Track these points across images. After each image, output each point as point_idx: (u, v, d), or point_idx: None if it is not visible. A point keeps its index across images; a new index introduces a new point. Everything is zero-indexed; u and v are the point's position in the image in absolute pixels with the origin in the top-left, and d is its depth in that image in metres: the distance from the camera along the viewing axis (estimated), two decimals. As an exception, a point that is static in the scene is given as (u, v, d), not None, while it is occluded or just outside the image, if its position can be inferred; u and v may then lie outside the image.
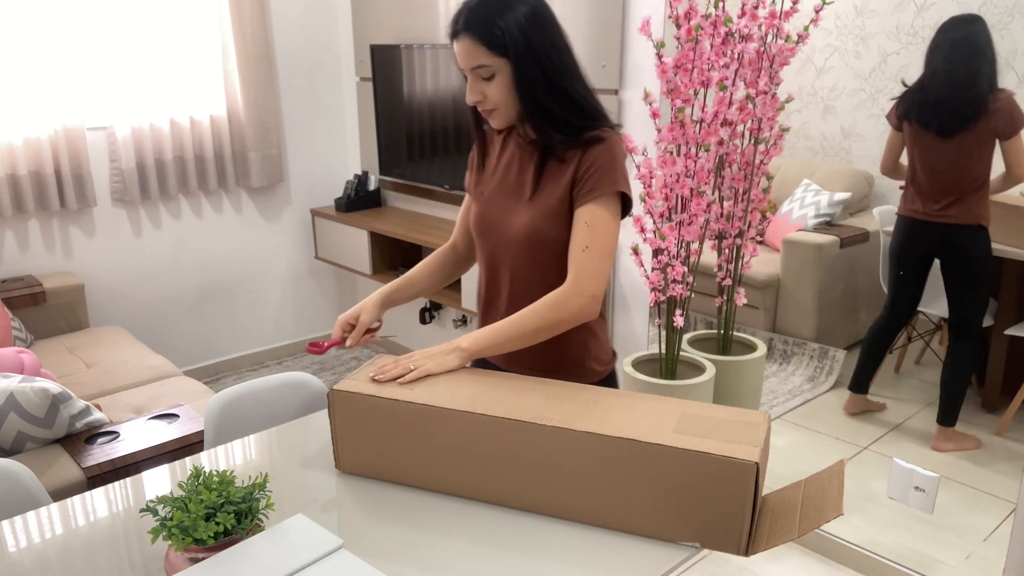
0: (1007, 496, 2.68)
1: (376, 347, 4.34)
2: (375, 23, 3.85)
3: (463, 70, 1.45)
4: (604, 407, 1.26)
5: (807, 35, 2.41)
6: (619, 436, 1.17)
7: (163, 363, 2.96)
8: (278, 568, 1.07)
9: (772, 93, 2.43)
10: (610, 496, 1.20)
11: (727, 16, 2.36)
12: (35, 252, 3.37)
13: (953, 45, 2.60)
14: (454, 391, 1.32)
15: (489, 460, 1.26)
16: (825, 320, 3.55)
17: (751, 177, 2.55)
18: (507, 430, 1.23)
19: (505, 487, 1.26)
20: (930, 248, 2.80)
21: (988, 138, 2.57)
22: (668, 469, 1.15)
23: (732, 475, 1.11)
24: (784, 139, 2.54)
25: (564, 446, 1.20)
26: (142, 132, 3.47)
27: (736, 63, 2.40)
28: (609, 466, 1.18)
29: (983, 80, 2.54)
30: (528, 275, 1.54)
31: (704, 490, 1.14)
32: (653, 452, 1.15)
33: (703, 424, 1.21)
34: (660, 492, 1.16)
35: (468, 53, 1.41)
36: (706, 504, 1.14)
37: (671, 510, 1.17)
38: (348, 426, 1.35)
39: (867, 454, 2.98)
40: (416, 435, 1.30)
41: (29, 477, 1.44)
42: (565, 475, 1.21)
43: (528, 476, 1.24)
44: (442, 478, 1.31)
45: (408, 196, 3.98)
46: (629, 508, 1.19)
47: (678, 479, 1.15)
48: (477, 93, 1.45)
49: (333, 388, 1.34)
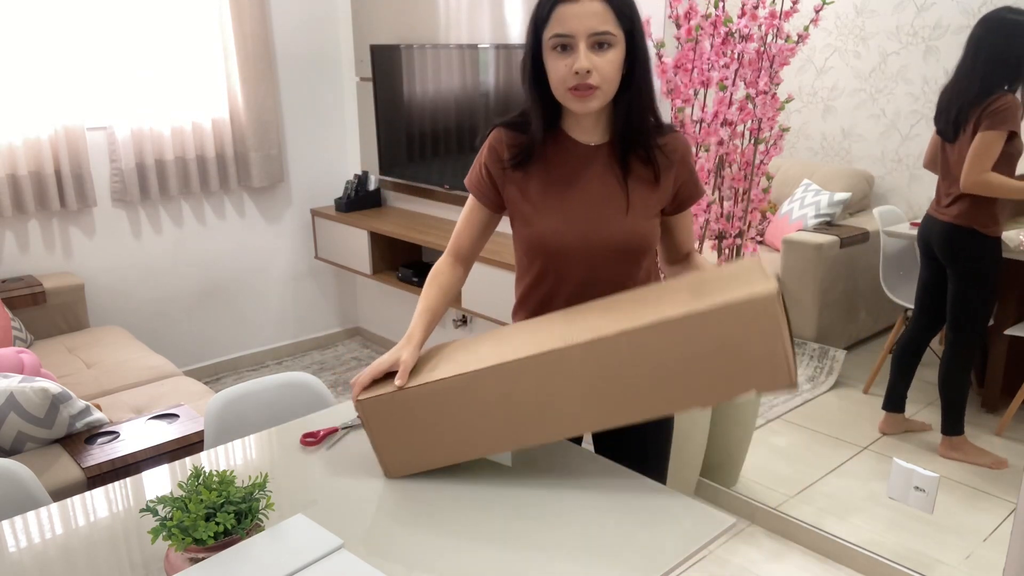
0: (1007, 496, 2.68)
1: (376, 347, 4.34)
2: (375, 23, 3.85)
3: (573, 35, 1.31)
4: (618, 308, 1.28)
5: (807, 35, 2.41)
6: (649, 323, 1.18)
7: (163, 363, 2.96)
8: (278, 568, 1.07)
9: (772, 93, 2.43)
10: (659, 383, 1.21)
11: (727, 16, 2.36)
12: (35, 252, 3.37)
13: (976, 45, 2.54)
14: (474, 354, 1.32)
15: (536, 401, 1.25)
16: (825, 320, 3.55)
17: (751, 177, 2.55)
18: (544, 365, 1.23)
19: (562, 420, 1.26)
20: (935, 246, 2.77)
21: None
22: (703, 335, 1.17)
23: (761, 311, 1.14)
24: (784, 139, 2.54)
25: (602, 356, 1.20)
26: (142, 132, 3.46)
27: (736, 63, 2.40)
28: (648, 355, 1.19)
29: (987, 81, 2.49)
30: (599, 283, 1.47)
31: (741, 340, 1.16)
32: (684, 324, 1.17)
33: (712, 285, 1.24)
34: (703, 359, 1.18)
35: (597, 15, 1.29)
36: (748, 352, 1.17)
37: (719, 372, 1.18)
38: (385, 430, 1.34)
39: (867, 454, 2.98)
40: (456, 410, 1.29)
41: (29, 477, 1.44)
42: (613, 383, 1.22)
43: (579, 400, 1.24)
44: (496, 438, 1.30)
45: (408, 196, 3.98)
46: (680, 387, 1.20)
47: (716, 340, 1.17)
48: (588, 63, 1.31)
49: (358, 400, 1.32)
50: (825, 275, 3.50)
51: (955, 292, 2.75)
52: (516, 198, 1.48)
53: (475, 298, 3.21)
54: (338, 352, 4.29)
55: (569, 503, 1.29)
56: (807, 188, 3.69)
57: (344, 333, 4.46)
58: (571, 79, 1.32)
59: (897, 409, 3.06)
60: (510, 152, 1.46)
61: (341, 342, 4.43)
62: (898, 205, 3.45)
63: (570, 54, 1.32)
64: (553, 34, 1.32)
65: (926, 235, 2.80)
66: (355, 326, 4.51)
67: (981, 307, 2.73)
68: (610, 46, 1.32)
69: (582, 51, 1.30)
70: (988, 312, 2.77)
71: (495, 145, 1.48)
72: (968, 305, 2.73)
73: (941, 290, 2.82)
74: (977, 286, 2.70)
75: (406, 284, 3.64)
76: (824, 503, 2.69)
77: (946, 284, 2.79)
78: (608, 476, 1.38)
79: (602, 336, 1.20)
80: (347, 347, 4.36)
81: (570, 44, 1.31)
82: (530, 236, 1.48)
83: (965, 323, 2.76)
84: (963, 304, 2.74)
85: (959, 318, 2.76)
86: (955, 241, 2.68)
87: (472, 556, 1.17)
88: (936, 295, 2.85)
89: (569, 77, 1.32)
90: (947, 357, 2.83)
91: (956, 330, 2.78)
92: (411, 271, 3.60)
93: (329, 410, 1.65)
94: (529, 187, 1.47)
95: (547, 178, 1.46)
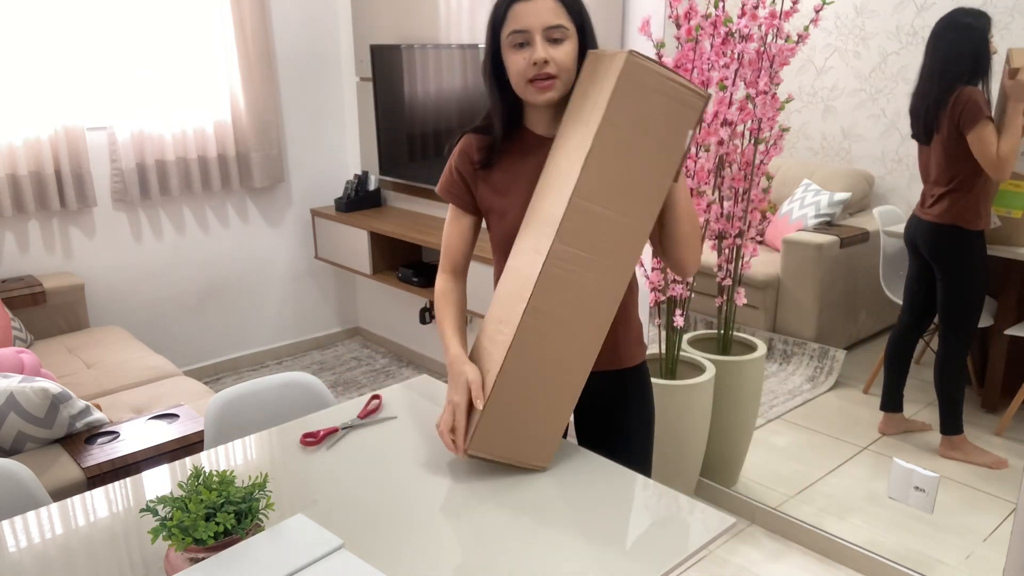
0: (1007, 496, 2.68)
1: (376, 347, 4.35)
2: (375, 23, 3.85)
3: (528, 31, 1.39)
4: (548, 193, 1.37)
5: (807, 35, 2.41)
6: (581, 168, 1.28)
7: (163, 363, 2.96)
8: (278, 568, 1.07)
9: (772, 93, 2.43)
10: (630, 189, 1.31)
11: (727, 16, 2.36)
12: (35, 252, 3.37)
13: (935, 45, 2.61)
14: (496, 330, 1.38)
15: (571, 304, 1.33)
16: (825, 320, 3.55)
17: (751, 177, 2.55)
18: (549, 280, 1.31)
19: (600, 295, 1.35)
20: (920, 245, 2.81)
21: (956, 137, 2.57)
22: (620, 131, 1.29)
23: (635, 75, 1.28)
24: (784, 139, 2.54)
25: (579, 225, 1.30)
26: (142, 133, 3.47)
27: (736, 63, 2.40)
28: (605, 184, 1.30)
29: (945, 79, 2.55)
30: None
31: (642, 104, 1.28)
32: (603, 140, 1.28)
33: (586, 102, 1.35)
34: (638, 146, 1.30)
35: (550, 10, 1.38)
36: (657, 104, 1.29)
37: (656, 140, 1.31)
38: (507, 444, 1.37)
39: (867, 454, 2.98)
40: (529, 375, 1.34)
41: (29, 477, 1.44)
42: (607, 225, 1.32)
43: (600, 268, 1.33)
44: (575, 365, 1.37)
45: (408, 196, 3.98)
46: (645, 178, 1.32)
47: (630, 125, 1.29)
48: (545, 54, 1.38)
49: (468, 454, 1.35)
50: (825, 275, 3.50)
51: (944, 290, 2.78)
52: (487, 194, 1.54)
53: (475, 298, 3.21)
54: (338, 352, 4.29)
55: (569, 503, 1.29)
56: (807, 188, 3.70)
57: (344, 333, 4.46)
58: (530, 71, 1.39)
59: (895, 409, 3.06)
60: (479, 154, 1.54)
61: (341, 342, 4.43)
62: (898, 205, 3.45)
63: (527, 48, 1.39)
64: (510, 31, 1.40)
65: (912, 235, 2.86)
66: (355, 326, 4.51)
67: (972, 302, 2.77)
68: (564, 39, 1.39)
69: (539, 43, 1.38)
70: (979, 307, 2.79)
71: (465, 149, 1.56)
72: (958, 301, 2.76)
73: (927, 288, 2.85)
74: (966, 281, 2.74)
75: (406, 284, 3.64)
76: (824, 503, 2.69)
77: (933, 282, 2.82)
78: (608, 476, 1.38)
79: (562, 217, 1.28)
80: (347, 347, 4.36)
81: (527, 40, 1.39)
82: (505, 229, 1.52)
83: (957, 320, 2.78)
84: (953, 301, 2.77)
85: (950, 315, 2.79)
86: (940, 239, 2.72)
87: (472, 556, 1.17)
88: (922, 293, 2.89)
89: (528, 69, 1.39)
90: (942, 355, 2.84)
91: (948, 327, 2.80)
92: (411, 271, 3.60)
93: (329, 410, 1.65)
94: (498, 182, 1.53)
95: (514, 172, 1.52)
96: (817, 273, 3.48)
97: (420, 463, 1.43)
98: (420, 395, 1.72)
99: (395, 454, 1.46)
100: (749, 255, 2.65)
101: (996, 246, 2.73)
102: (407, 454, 1.46)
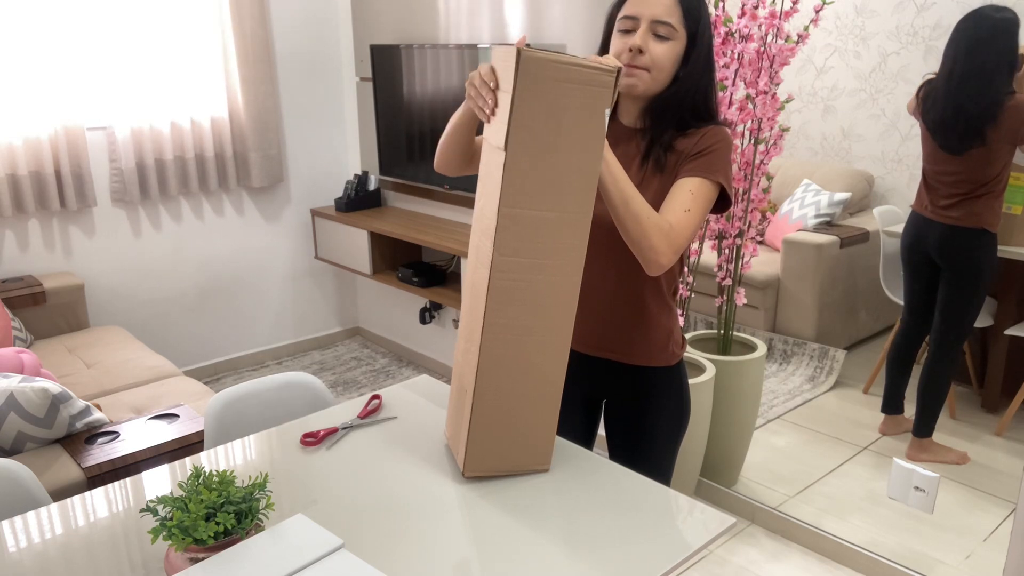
0: (1007, 496, 2.68)
1: (376, 347, 4.35)
2: (375, 23, 3.85)
3: (637, 18, 1.39)
4: (485, 200, 1.33)
5: (807, 35, 2.41)
6: (504, 175, 1.23)
7: (163, 363, 2.96)
8: (278, 568, 1.07)
9: (772, 93, 2.43)
10: (566, 176, 1.26)
11: (727, 16, 2.36)
12: (35, 252, 3.37)
13: (969, 49, 2.47)
14: (469, 334, 1.37)
15: (536, 300, 1.30)
16: (825, 320, 3.55)
17: (751, 177, 2.55)
18: (500, 293, 1.28)
19: (564, 273, 1.32)
20: (931, 248, 2.74)
21: (1001, 145, 2.50)
22: (533, 126, 1.23)
23: (535, 69, 1.20)
24: (784, 139, 2.54)
25: (519, 231, 1.26)
26: (142, 132, 3.47)
27: (736, 63, 2.40)
28: (534, 177, 1.25)
29: (995, 88, 2.45)
30: (603, 264, 1.49)
31: (551, 91, 1.21)
32: (517, 140, 1.22)
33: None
34: (552, 131, 1.23)
35: (664, 6, 1.38)
36: (564, 90, 1.22)
37: (572, 122, 1.24)
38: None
39: (867, 454, 2.99)
40: (509, 371, 1.33)
41: (29, 477, 1.44)
42: (543, 227, 1.28)
43: (556, 269, 1.29)
44: (555, 344, 1.34)
45: (408, 196, 3.98)
46: (570, 162, 1.26)
47: (542, 115, 1.22)
48: (643, 43, 1.38)
49: (464, 473, 1.37)
50: (825, 275, 3.50)
51: (949, 292, 2.73)
52: None
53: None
54: (338, 352, 4.29)
55: (569, 503, 1.29)
56: (807, 188, 3.70)
57: (344, 333, 4.46)
58: (624, 56, 1.41)
59: (896, 411, 3.06)
60: None
61: (341, 342, 4.43)
62: (898, 205, 3.45)
63: (631, 35, 1.41)
64: (622, 16, 1.43)
65: (919, 237, 2.77)
66: (355, 326, 4.51)
67: (974, 307, 2.74)
68: (670, 38, 1.40)
69: (640, 32, 1.39)
70: (980, 307, 2.76)
71: None
72: (961, 305, 2.73)
73: (931, 291, 2.81)
74: (976, 281, 2.69)
75: (406, 284, 3.64)
76: (824, 503, 2.69)
77: (935, 283, 2.77)
78: (608, 476, 1.38)
79: (495, 228, 1.25)
80: (347, 347, 4.36)
81: (634, 27, 1.40)
82: None
83: (955, 324, 2.75)
84: (956, 304, 2.73)
85: (950, 319, 2.75)
86: (960, 241, 2.65)
87: (472, 556, 1.17)
88: (926, 296, 2.84)
89: (623, 53, 1.41)
90: (934, 359, 2.81)
91: (945, 331, 2.77)
92: (411, 271, 3.60)
93: (329, 410, 1.65)
94: None
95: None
96: (817, 273, 3.49)
97: (420, 463, 1.43)
98: (420, 395, 1.72)
99: (395, 454, 1.46)
100: (749, 255, 2.65)
101: (997, 246, 2.72)
102: (407, 454, 1.46)
